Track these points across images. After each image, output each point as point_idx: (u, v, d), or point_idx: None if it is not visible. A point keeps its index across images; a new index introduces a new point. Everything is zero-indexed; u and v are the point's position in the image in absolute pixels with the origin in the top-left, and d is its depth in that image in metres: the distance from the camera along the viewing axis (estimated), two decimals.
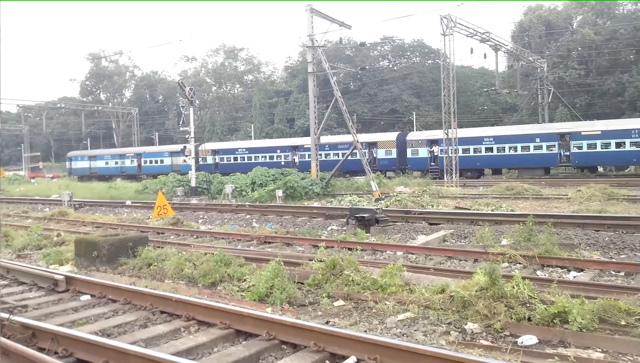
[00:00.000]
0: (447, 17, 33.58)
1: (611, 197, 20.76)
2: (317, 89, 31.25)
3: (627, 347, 5.53)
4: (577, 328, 5.80)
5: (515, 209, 18.53)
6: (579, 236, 12.27)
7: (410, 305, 6.97)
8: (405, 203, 21.04)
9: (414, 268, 9.16)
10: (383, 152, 46.51)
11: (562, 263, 9.53)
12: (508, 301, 6.41)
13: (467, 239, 13.09)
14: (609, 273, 9.03)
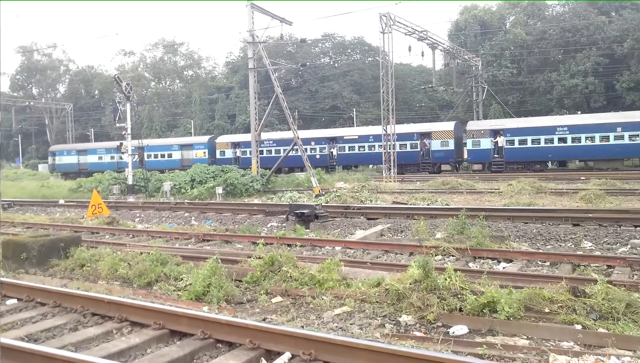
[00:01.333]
0: (386, 15, 34.12)
1: (539, 190, 21.72)
2: (258, 85, 31.07)
3: (550, 333, 5.82)
4: (505, 317, 6.05)
5: (450, 203, 19.07)
6: (509, 228, 12.77)
7: (347, 300, 7.08)
8: (344, 199, 21.29)
9: (352, 263, 9.28)
10: (438, 143, 42.21)
11: (492, 254, 9.90)
12: (441, 293, 6.60)
13: (404, 233, 13.38)
14: (536, 263, 9.44)
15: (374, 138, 43.26)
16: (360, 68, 75.58)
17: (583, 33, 54.86)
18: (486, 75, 54.30)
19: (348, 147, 46.22)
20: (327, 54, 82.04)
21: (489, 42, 59.38)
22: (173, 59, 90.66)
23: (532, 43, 57.07)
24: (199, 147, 53.76)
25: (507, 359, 5.11)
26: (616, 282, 7.15)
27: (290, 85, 73.75)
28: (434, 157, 42.34)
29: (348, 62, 79.47)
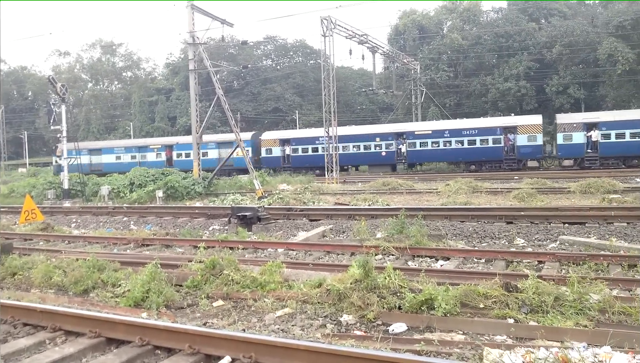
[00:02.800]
0: (327, 18, 34.36)
1: (475, 190, 22.43)
2: (199, 86, 30.64)
3: (485, 327, 6.03)
4: (442, 314, 6.23)
5: (391, 203, 19.40)
6: (446, 227, 13.14)
7: (288, 301, 7.10)
8: (287, 201, 21.29)
9: (294, 264, 9.31)
10: (525, 138, 38.76)
11: (430, 253, 10.17)
12: (381, 291, 6.72)
13: (345, 234, 13.54)
14: (472, 260, 9.77)
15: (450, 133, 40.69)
16: (302, 71, 75.82)
17: (515, 39, 57.08)
18: (424, 79, 55.59)
19: (420, 143, 42.00)
20: (269, 57, 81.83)
21: (427, 46, 60.81)
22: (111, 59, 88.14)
23: (468, 48, 58.87)
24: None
25: (444, 354, 5.25)
26: (546, 277, 7.48)
27: (232, 87, 73.10)
28: (519, 153, 39.02)
29: (290, 64, 79.55)
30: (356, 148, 43.72)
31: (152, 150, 51.71)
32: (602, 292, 6.60)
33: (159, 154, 51.58)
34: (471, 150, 39.92)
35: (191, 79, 29.96)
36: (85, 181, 29.62)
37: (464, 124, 41.58)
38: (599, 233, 11.76)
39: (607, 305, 6.15)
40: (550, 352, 5.01)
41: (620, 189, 20.38)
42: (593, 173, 28.92)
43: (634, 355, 4.88)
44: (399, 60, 48.92)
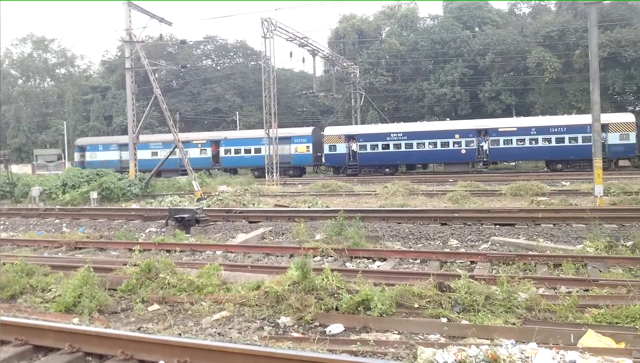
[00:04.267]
0: (268, 20, 34.28)
1: (412, 192, 22.96)
2: (136, 85, 29.88)
3: (419, 327, 6.17)
4: (378, 314, 6.33)
5: (330, 205, 19.57)
6: (383, 228, 13.39)
7: (226, 304, 7.04)
8: (227, 203, 21.10)
9: (232, 266, 9.25)
10: (617, 137, 37.12)
11: (368, 254, 10.33)
12: (319, 293, 6.77)
13: (285, 235, 13.55)
14: (408, 261, 10.00)
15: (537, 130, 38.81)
16: (242, 71, 75.23)
17: (451, 45, 58.83)
18: (364, 83, 56.38)
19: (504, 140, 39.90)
20: (209, 56, 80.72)
21: (366, 51, 61.70)
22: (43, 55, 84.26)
23: (406, 53, 60.18)
24: (299, 140, 44.75)
25: (379, 354, 5.35)
26: (477, 277, 7.76)
27: (171, 86, 71.63)
28: (610, 151, 36.99)
29: (231, 65, 78.79)
30: (432, 145, 41.22)
31: (195, 146, 46.94)
32: (530, 290, 6.89)
33: (204, 150, 47.42)
34: (559, 148, 38.41)
35: (128, 78, 29.18)
36: (14, 181, 28.25)
37: (552, 121, 40.06)
38: (527, 234, 12.29)
39: (534, 303, 6.42)
40: (481, 350, 5.18)
41: (547, 192, 21.36)
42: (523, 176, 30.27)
43: (558, 351, 5.13)
44: (338, 63, 49.39)
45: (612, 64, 50.22)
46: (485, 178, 31.45)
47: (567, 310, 6.26)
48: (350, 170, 42.28)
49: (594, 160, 17.75)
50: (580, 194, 20.67)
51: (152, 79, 28.08)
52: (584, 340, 5.49)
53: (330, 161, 43.86)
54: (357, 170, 42.08)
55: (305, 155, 44.18)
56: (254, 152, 44.61)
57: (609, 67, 49.90)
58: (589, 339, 5.50)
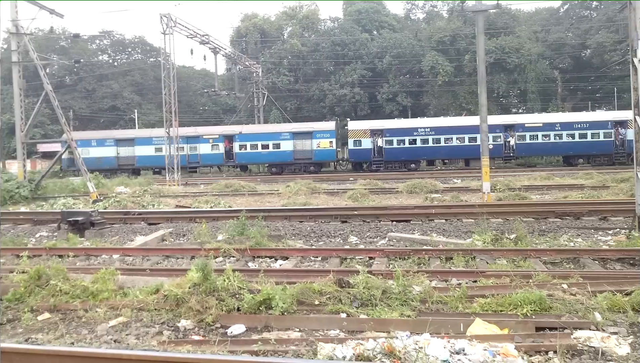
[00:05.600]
0: (167, 16, 33.39)
1: (314, 191, 23.31)
2: (24, 81, 27.93)
3: (319, 323, 6.29)
4: (280, 312, 6.38)
5: (233, 205, 19.41)
6: (286, 227, 13.50)
7: (123, 310, 6.80)
8: (125, 204, 20.32)
9: (130, 270, 8.93)
10: None
11: (270, 253, 10.38)
12: (220, 294, 6.71)
13: (186, 237, 13.28)
14: (309, 259, 10.16)
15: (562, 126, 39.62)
16: (141, 68, 72.55)
17: (350, 48, 60.29)
18: (266, 82, 56.37)
19: (530, 136, 40.18)
20: (105, 52, 77.09)
21: (268, 50, 61.74)
22: None
23: (307, 54, 60.88)
24: (322, 135, 42.59)
25: (280, 352, 5.41)
26: (375, 272, 8.04)
27: (64, 82, 67.59)
28: (630, 147, 37.10)
29: (129, 61, 75.73)
30: (459, 140, 40.89)
31: (206, 141, 43.99)
32: (423, 283, 7.24)
33: (216, 145, 44.20)
34: (581, 143, 39.50)
35: (14, 72, 27.20)
36: None
37: (576, 117, 40.81)
38: (422, 229, 12.88)
39: (427, 295, 6.74)
40: (378, 343, 5.38)
41: (440, 189, 22.50)
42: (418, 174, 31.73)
43: (449, 340, 5.44)
44: (241, 62, 49.02)
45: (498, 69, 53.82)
46: (383, 176, 32.53)
47: (457, 301, 6.62)
48: (375, 165, 41.67)
49: (482, 158, 18.92)
50: (470, 191, 21.96)
51: (42, 74, 26.37)
52: (472, 328, 5.84)
53: (355, 156, 42.71)
54: (382, 165, 41.57)
55: (329, 151, 42.55)
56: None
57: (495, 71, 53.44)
58: (476, 327, 5.85)
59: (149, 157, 43.96)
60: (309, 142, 42.36)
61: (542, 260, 9.34)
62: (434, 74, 53.99)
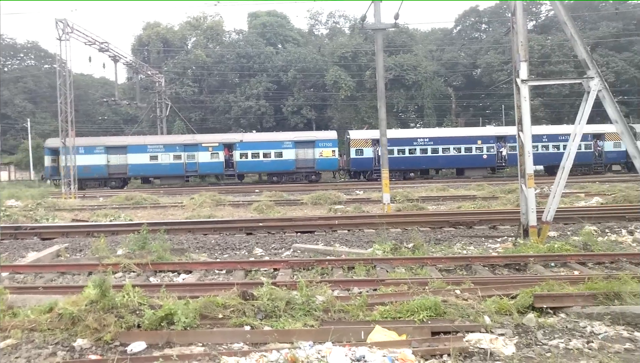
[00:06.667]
0: (63, 21, 31.90)
1: (219, 203, 23.07)
2: None
3: (223, 337, 6.23)
4: (182, 328, 6.25)
5: (134, 218, 18.80)
6: (189, 240, 13.29)
7: (12, 331, 6.39)
8: (15, 219, 19.05)
9: (21, 289, 8.43)
10: (611, 145, 43.25)
11: (173, 267, 10.17)
12: (119, 311, 6.48)
13: (83, 252, 12.69)
14: (214, 272, 10.06)
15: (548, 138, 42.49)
16: (35, 75, 68.40)
17: (255, 60, 60.46)
18: (170, 92, 55.16)
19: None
20: None
21: (171, 60, 60.49)
22: None
23: (212, 65, 60.33)
24: (325, 144, 42.33)
25: None
26: (279, 283, 8.12)
27: None
28: (606, 157, 43.63)
29: (20, 67, 71.20)
30: (456, 150, 42.89)
31: (205, 149, 42.26)
32: (326, 293, 7.38)
33: (215, 153, 42.28)
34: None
35: None
36: None
37: (560, 130, 43.58)
38: (325, 240, 13.15)
39: (330, 304, 6.87)
40: (281, 354, 5.45)
41: (344, 200, 23.04)
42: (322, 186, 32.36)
43: (350, 348, 5.62)
44: (142, 71, 47.64)
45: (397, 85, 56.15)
46: (288, 188, 32.79)
47: (358, 309, 6.81)
48: (376, 174, 41.13)
49: (382, 170, 19.64)
50: (372, 202, 22.67)
51: None
52: (372, 335, 6.03)
53: (357, 165, 42.88)
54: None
55: (331, 160, 42.55)
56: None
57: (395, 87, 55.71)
58: (376, 334, 6.05)
59: (142, 165, 42.52)
60: (312, 151, 42.57)
61: (438, 267, 9.84)
62: (337, 89, 55.31)
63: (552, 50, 54.68)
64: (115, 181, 41.78)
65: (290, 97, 58.77)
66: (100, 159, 42.27)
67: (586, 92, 11.73)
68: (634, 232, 13.50)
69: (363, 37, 58.52)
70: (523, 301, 6.87)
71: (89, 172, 40.79)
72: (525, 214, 11.86)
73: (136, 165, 42.30)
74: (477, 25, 69.59)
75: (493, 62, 57.18)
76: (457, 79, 63.20)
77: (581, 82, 11.99)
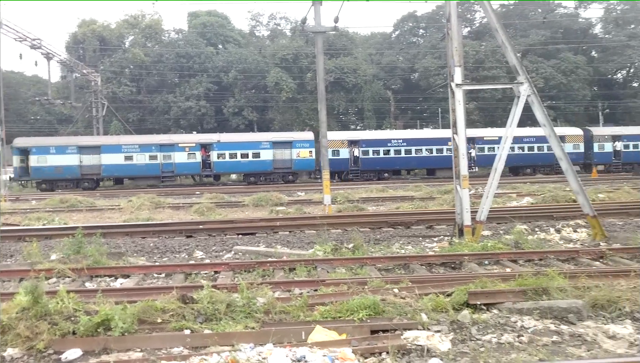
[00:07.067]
0: None
1: (158, 205, 22.63)
2: None
3: (162, 342, 6.15)
4: (120, 333, 6.13)
5: (69, 222, 18.14)
6: (127, 244, 13.00)
7: None
8: None
9: None
10: (571, 146, 45.46)
11: (110, 272, 9.93)
12: (53, 318, 6.29)
13: (14, 258, 12.18)
14: (152, 276, 9.90)
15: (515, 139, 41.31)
16: None
17: (196, 60, 59.49)
18: (106, 92, 53.55)
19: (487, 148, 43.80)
20: None
21: (108, 59, 58.72)
22: None
23: (151, 64, 58.95)
24: (302, 145, 42.58)
25: None
26: (220, 286, 8.06)
27: None
28: None
29: None
30: (428, 151, 44.20)
31: (182, 149, 41.66)
32: (267, 295, 7.40)
33: (192, 154, 41.67)
34: (529, 156, 45.31)
35: None
36: None
37: (525, 132, 44.58)
38: (267, 241, 13.17)
39: (271, 306, 6.90)
40: (222, 357, 5.45)
41: (285, 202, 23.09)
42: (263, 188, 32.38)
43: (290, 348, 5.68)
44: (78, 70, 46.05)
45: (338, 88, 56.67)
46: (230, 190, 32.54)
47: (299, 310, 6.88)
48: (352, 174, 43.12)
49: (323, 172, 19.82)
50: (313, 203, 22.84)
51: None
52: (313, 335, 6.11)
53: (333, 166, 41.85)
54: (358, 174, 43.18)
55: (309, 160, 42.78)
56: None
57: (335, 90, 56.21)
58: (317, 334, 6.13)
59: (117, 166, 41.19)
60: (289, 152, 42.83)
61: (377, 267, 10.05)
62: (278, 90, 55.26)
63: (486, 56, 56.68)
64: (88, 182, 40.82)
65: (231, 98, 58.21)
66: (73, 159, 40.71)
67: (516, 96, 12.28)
68: (561, 230, 14.23)
69: (304, 40, 58.72)
70: (458, 298, 7.11)
71: (61, 172, 39.79)
72: (460, 214, 12.28)
73: (110, 165, 41.17)
74: (415, 30, 71.14)
75: (430, 67, 58.60)
76: (396, 82, 64.38)
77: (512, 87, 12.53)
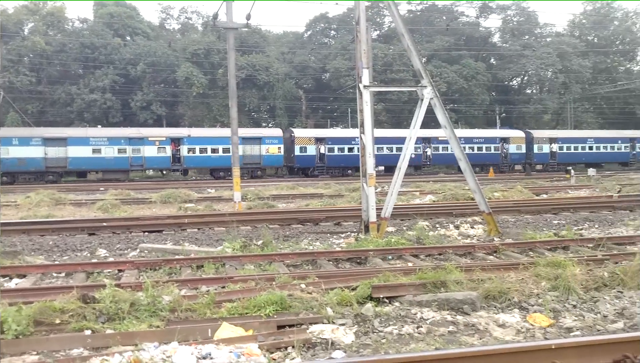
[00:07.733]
0: None
1: (59, 202, 21.57)
2: None
3: (61, 343, 5.89)
4: (14, 336, 5.83)
5: None
6: (24, 242, 12.35)
7: None
8: None
9: None
10: (515, 147, 51.30)
11: (4, 272, 9.36)
12: None
13: None
14: (51, 275, 9.46)
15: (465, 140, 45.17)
16: None
17: (101, 51, 56.93)
18: (2, 81, 50.09)
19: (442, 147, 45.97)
20: None
21: (5, 46, 54.90)
22: None
23: (53, 54, 55.77)
24: (271, 141, 44.06)
25: None
26: (124, 285, 7.86)
27: None
28: (510, 158, 51.37)
29: None
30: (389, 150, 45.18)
31: (151, 143, 41.81)
32: (173, 293, 7.30)
33: (162, 148, 41.82)
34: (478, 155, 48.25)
35: None
36: None
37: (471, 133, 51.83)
38: (174, 239, 12.95)
39: (177, 304, 6.81)
40: (124, 357, 5.33)
41: (195, 199, 22.74)
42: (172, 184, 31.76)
43: (196, 346, 5.66)
44: None
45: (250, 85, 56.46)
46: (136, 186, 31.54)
47: (205, 307, 6.84)
48: (317, 171, 44.40)
49: (233, 169, 19.73)
50: (223, 200, 22.66)
51: None
52: (219, 332, 6.10)
53: (301, 162, 44.26)
54: (324, 171, 44.52)
55: (277, 156, 44.26)
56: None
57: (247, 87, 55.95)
58: (223, 331, 6.13)
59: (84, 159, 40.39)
60: (258, 148, 43.87)
61: (285, 263, 10.17)
62: (189, 85, 54.20)
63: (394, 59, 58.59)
64: (52, 175, 39.78)
65: (139, 91, 56.26)
66: (37, 151, 39.24)
67: (420, 99, 12.86)
68: (460, 227, 15.06)
69: (216, 35, 57.86)
70: (362, 292, 7.36)
71: (24, 165, 38.58)
72: (366, 211, 12.69)
73: (77, 158, 40.08)
74: (327, 31, 72.17)
75: (340, 68, 59.70)
76: (308, 81, 65.03)
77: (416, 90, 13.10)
